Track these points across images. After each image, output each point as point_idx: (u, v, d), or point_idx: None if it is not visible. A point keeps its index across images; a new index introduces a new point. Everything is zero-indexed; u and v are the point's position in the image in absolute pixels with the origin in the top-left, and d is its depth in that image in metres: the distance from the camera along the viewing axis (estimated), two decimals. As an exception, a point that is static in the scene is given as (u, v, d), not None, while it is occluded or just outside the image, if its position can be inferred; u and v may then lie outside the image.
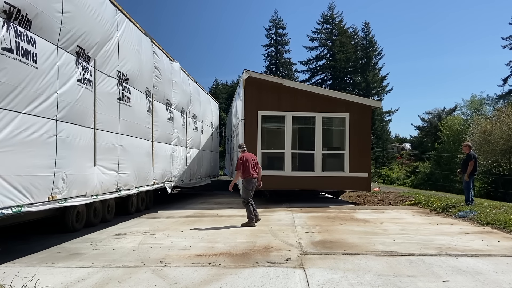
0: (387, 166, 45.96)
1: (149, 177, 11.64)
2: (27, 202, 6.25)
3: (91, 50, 8.25)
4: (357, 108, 14.50)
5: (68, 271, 5.64)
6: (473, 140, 24.64)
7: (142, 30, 11.25)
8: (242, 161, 9.66)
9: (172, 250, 6.92)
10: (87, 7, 7.90)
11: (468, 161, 12.07)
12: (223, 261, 6.11)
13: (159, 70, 12.45)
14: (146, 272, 5.59)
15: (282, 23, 52.31)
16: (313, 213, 11.66)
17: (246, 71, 14.10)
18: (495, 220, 9.47)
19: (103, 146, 8.84)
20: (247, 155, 9.79)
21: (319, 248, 6.99)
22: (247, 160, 9.66)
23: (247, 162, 9.63)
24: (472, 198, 12.23)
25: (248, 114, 14.19)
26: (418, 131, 52.11)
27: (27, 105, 6.28)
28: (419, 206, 13.40)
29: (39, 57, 6.52)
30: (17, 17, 6.03)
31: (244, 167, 9.62)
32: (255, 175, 9.69)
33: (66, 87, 7.29)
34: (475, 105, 42.35)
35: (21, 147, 6.14)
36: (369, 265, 5.87)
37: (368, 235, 8.26)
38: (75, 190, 7.67)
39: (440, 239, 7.80)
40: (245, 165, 9.62)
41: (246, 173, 9.62)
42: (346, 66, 49.74)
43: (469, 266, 5.79)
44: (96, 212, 9.62)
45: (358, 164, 14.29)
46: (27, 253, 6.70)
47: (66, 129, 7.33)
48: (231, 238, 7.95)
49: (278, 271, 5.59)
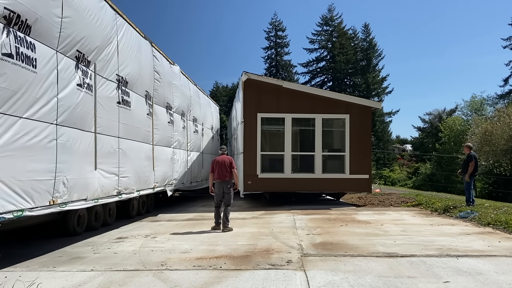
0: (388, 167, 45.96)
1: (150, 181, 11.66)
2: (28, 206, 6.27)
3: (90, 55, 8.29)
4: (357, 109, 14.47)
5: (70, 275, 5.65)
6: (474, 141, 24.62)
7: (142, 34, 11.29)
8: (212, 164, 9.60)
9: (173, 253, 6.93)
10: (86, 11, 7.94)
11: (468, 161, 12.06)
12: (224, 264, 6.11)
13: (159, 74, 12.48)
14: (147, 275, 5.60)
15: (281, 25, 52.53)
16: (314, 215, 11.66)
17: (245, 73, 14.10)
18: (496, 220, 9.46)
19: (104, 150, 8.86)
20: (219, 158, 9.58)
21: (320, 250, 6.99)
22: (217, 162, 9.48)
23: (217, 165, 9.45)
24: (473, 198, 12.22)
25: (248, 116, 14.17)
26: (418, 132, 52.20)
27: (27, 110, 6.31)
28: (420, 207, 13.38)
29: (38, 62, 6.55)
30: (17, 23, 6.07)
31: (213, 169, 9.52)
32: (221, 179, 9.41)
33: (66, 92, 7.33)
34: (476, 106, 42.31)
35: (22, 152, 6.17)
36: (369, 266, 5.87)
37: (369, 236, 8.26)
38: (76, 194, 7.69)
39: (441, 240, 7.80)
40: (213, 168, 9.50)
41: (214, 176, 9.51)
42: (346, 68, 49.79)
43: (470, 267, 5.79)
44: (97, 216, 9.63)
45: (359, 166, 14.25)
46: (28, 257, 6.71)
47: (66, 133, 7.36)
48: (232, 241, 7.96)
49: (279, 273, 5.59)
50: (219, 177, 9.45)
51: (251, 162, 13.98)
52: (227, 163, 9.47)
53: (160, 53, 12.82)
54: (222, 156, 9.65)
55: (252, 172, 13.92)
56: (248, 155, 14.04)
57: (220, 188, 9.46)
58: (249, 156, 14.02)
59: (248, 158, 14.01)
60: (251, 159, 13.99)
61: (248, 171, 13.88)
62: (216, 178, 9.49)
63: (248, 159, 14.00)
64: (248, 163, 13.98)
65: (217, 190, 9.49)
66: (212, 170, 9.55)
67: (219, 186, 9.47)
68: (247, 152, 14.06)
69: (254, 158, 14.00)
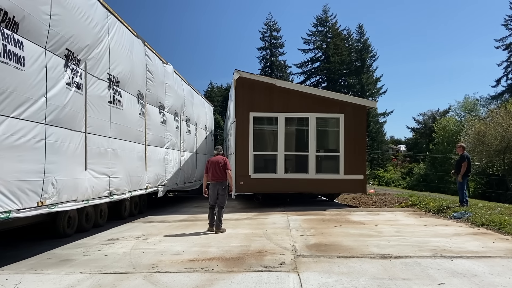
0: (382, 167, 46.00)
1: (142, 181, 11.52)
2: (15, 207, 6.13)
3: (81, 53, 8.14)
4: (351, 109, 14.27)
5: (58, 278, 5.53)
6: (467, 141, 24.65)
7: (134, 32, 11.15)
8: (207, 165, 9.49)
9: (164, 255, 6.82)
10: (76, 9, 7.80)
11: (461, 162, 12.05)
12: (216, 266, 6.02)
13: (152, 73, 12.35)
14: (138, 278, 5.49)
15: (276, 25, 52.37)
16: (308, 215, 11.58)
17: (237, 71, 13.84)
18: (490, 221, 9.43)
19: (94, 150, 8.72)
20: (214, 158, 9.46)
21: (313, 252, 6.91)
22: (212, 163, 9.35)
23: (211, 165, 9.33)
24: (466, 199, 12.21)
25: (240, 115, 13.95)
26: (412, 132, 52.29)
27: (15, 109, 6.17)
28: (414, 208, 13.35)
29: (26, 60, 6.41)
30: (4, 20, 5.93)
31: (207, 170, 9.41)
32: (215, 180, 9.29)
33: (55, 91, 7.18)
34: (469, 106, 42.51)
35: (9, 152, 6.03)
36: (363, 268, 5.79)
37: (363, 237, 8.19)
38: (65, 195, 7.54)
39: (435, 240, 7.74)
40: (208, 169, 9.40)
41: (209, 177, 9.40)
42: (340, 68, 49.82)
43: (465, 268, 5.73)
44: (88, 217, 9.49)
45: (354, 166, 14.08)
46: (16, 259, 6.58)
47: (55, 133, 7.21)
48: (224, 242, 7.86)
49: (272, 275, 5.50)
50: (213, 178, 9.31)
51: (243, 163, 13.75)
52: (221, 163, 9.33)
53: (153, 52, 12.68)
54: (217, 156, 9.51)
55: (244, 172, 13.69)
56: (240, 155, 13.82)
57: (214, 190, 9.32)
58: (241, 156, 13.79)
59: (240, 158, 13.79)
60: (243, 159, 13.76)
61: (240, 171, 13.62)
62: (210, 179, 9.36)
63: (240, 159, 13.77)
64: (240, 163, 13.74)
65: (211, 191, 9.35)
66: (207, 171, 9.43)
67: (213, 187, 9.33)
68: (239, 152, 13.85)
69: (246, 158, 13.78)
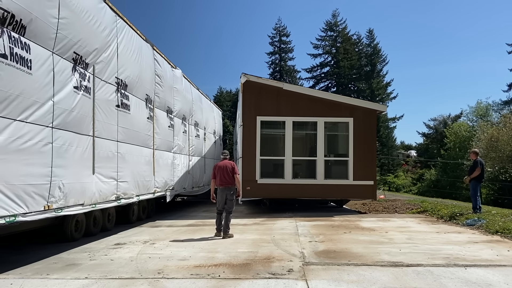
0: (392, 173, 45.52)
1: (150, 185, 11.47)
2: (21, 211, 6.10)
3: (89, 57, 8.13)
4: (361, 113, 14.00)
5: (63, 283, 5.46)
6: (480, 147, 24.29)
7: (143, 36, 11.14)
8: (214, 170, 9.36)
9: (171, 260, 6.73)
10: (84, 13, 7.79)
11: (475, 167, 11.83)
12: (222, 272, 5.91)
13: (160, 77, 12.33)
14: (143, 284, 5.40)
15: (286, 30, 52.32)
16: (317, 221, 11.42)
17: (244, 75, 13.64)
18: (504, 228, 9.19)
19: (102, 154, 8.69)
20: (221, 163, 9.32)
21: (322, 258, 6.76)
22: (219, 168, 9.22)
23: (219, 170, 9.20)
24: (479, 205, 11.94)
25: (247, 119, 13.77)
26: (423, 138, 51.72)
27: (22, 112, 6.15)
28: (426, 214, 13.10)
29: (33, 64, 6.40)
30: (11, 23, 5.92)
31: (215, 175, 9.28)
32: (223, 185, 9.15)
33: (62, 94, 7.16)
34: (481, 111, 41.95)
35: (15, 155, 6.00)
36: (374, 276, 5.64)
37: (374, 244, 8.01)
38: (72, 199, 7.51)
39: (448, 248, 7.54)
40: (215, 174, 9.26)
41: (216, 182, 9.27)
42: (350, 73, 49.56)
43: (479, 278, 5.54)
44: (96, 221, 9.46)
45: (363, 172, 13.78)
46: (22, 264, 6.54)
47: (62, 136, 7.18)
48: (232, 248, 7.75)
49: (279, 283, 5.37)
50: (221, 183, 9.17)
51: (250, 167, 13.54)
52: (229, 168, 9.18)
53: (161, 57, 12.67)
54: (224, 161, 9.37)
55: (251, 177, 13.48)
56: (247, 159, 13.62)
57: (223, 195, 9.17)
58: (248, 161, 13.59)
59: (247, 163, 13.59)
60: (250, 164, 13.56)
61: (247, 176, 13.38)
62: (218, 184, 9.22)
63: (247, 164, 13.57)
64: (247, 168, 13.53)
65: (219, 196, 9.20)
66: (214, 176, 9.30)
67: (221, 193, 9.18)
68: (246, 157, 13.65)
69: (253, 163, 13.58)
